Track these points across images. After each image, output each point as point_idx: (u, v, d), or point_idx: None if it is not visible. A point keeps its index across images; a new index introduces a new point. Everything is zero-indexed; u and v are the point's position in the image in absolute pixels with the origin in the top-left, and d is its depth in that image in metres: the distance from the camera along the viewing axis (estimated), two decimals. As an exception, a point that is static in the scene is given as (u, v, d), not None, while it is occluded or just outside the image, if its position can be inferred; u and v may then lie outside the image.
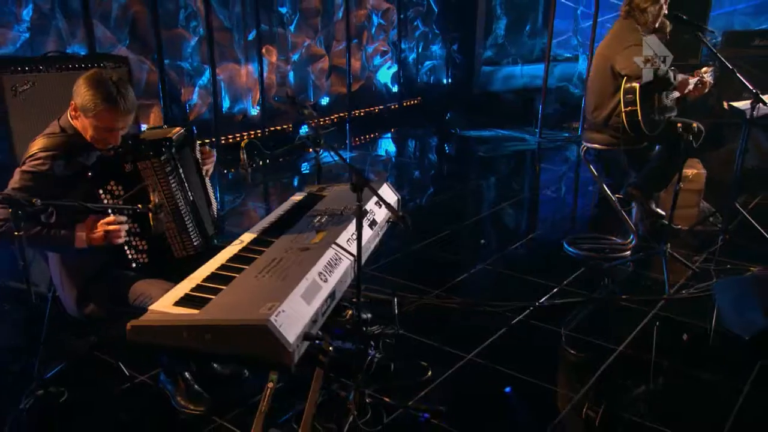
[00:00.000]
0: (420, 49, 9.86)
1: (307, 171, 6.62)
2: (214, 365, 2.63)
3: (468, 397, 2.64)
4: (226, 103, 7.07)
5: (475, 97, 9.74)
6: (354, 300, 3.30)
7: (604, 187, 4.06)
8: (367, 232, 2.40)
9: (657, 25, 3.80)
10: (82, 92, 2.10)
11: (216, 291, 1.82)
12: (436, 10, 9.83)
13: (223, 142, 6.78)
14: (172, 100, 6.41)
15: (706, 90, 4.07)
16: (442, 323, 3.29)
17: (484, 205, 5.62)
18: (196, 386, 2.47)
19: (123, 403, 2.57)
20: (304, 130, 7.37)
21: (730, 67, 3.82)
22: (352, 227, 2.31)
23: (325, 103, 8.19)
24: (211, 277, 1.92)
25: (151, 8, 5.86)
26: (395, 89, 9.44)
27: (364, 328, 3.06)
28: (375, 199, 2.64)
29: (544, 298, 3.47)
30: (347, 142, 7.59)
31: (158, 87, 6.03)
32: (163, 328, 1.67)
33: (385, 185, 2.86)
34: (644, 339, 3.07)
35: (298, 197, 2.78)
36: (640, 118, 3.62)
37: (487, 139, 8.08)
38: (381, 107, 8.83)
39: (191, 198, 2.37)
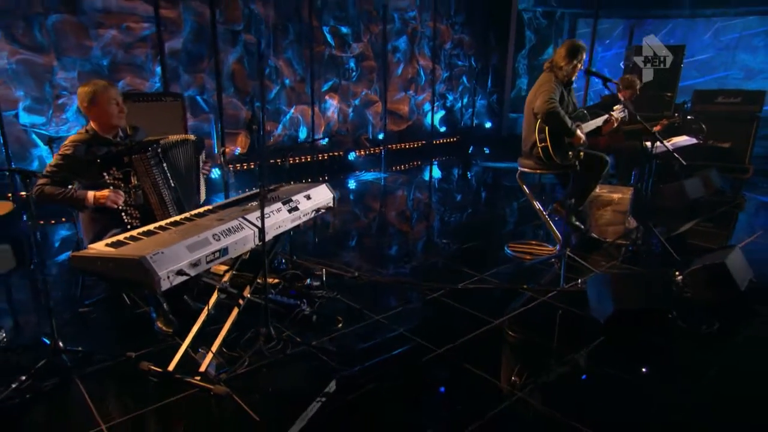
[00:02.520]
0: (465, 100, 9.87)
1: (354, 187, 6.83)
2: (189, 302, 2.90)
3: (361, 345, 2.71)
4: (303, 134, 7.49)
5: (503, 137, 9.61)
6: (317, 273, 3.49)
7: (535, 203, 3.95)
8: (282, 215, 2.56)
9: (572, 78, 3.67)
10: (84, 92, 2.51)
11: (138, 240, 2.06)
12: (477, 69, 9.82)
13: (296, 161, 7.20)
14: (257, 128, 6.90)
15: (615, 125, 3.89)
16: (374, 294, 3.36)
17: (465, 214, 5.54)
18: (170, 315, 2.74)
19: (127, 321, 2.91)
20: (352, 155, 7.67)
21: (632, 110, 3.66)
22: (268, 209, 2.48)
23: (380, 137, 8.43)
24: (145, 232, 2.16)
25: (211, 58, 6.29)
26: (442, 129, 9.53)
27: (311, 291, 3.24)
28: (304, 193, 2.82)
29: (462, 284, 3.45)
30: (383, 165, 7.76)
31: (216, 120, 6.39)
32: (87, 257, 1.94)
33: (324, 185, 3.01)
34: (521, 318, 2.98)
35: (256, 190, 2.99)
36: (551, 150, 3.53)
37: (501, 169, 7.95)
38: (424, 142, 8.92)
39: (172, 184, 2.66)
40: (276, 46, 6.83)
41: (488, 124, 10.24)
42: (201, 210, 2.52)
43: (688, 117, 5.33)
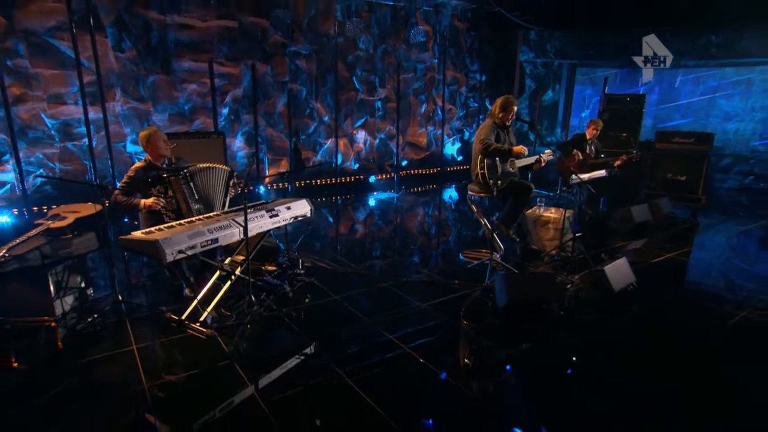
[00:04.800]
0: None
1: (369, 203, 7.45)
2: (208, 277, 3.64)
3: (319, 315, 3.31)
4: (338, 159, 8.26)
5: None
6: (305, 264, 4.14)
7: (481, 219, 4.38)
8: (264, 219, 3.23)
9: (506, 123, 4.11)
10: (144, 135, 3.34)
11: (162, 231, 2.81)
12: (489, 109, 10.21)
13: (329, 182, 7.97)
14: (297, 155, 7.77)
15: (542, 165, 4.25)
16: (343, 281, 3.90)
17: (445, 226, 5.96)
18: (194, 286, 3.51)
19: (171, 288, 3.67)
20: (372, 179, 8.32)
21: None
22: (253, 214, 3.19)
23: (404, 163, 9.04)
24: (169, 226, 2.91)
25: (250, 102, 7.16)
26: (459, 158, 9.98)
27: (296, 277, 3.90)
28: (286, 205, 3.49)
29: (407, 278, 3.97)
30: (395, 187, 8.31)
31: (257, 144, 7.26)
32: (127, 239, 2.71)
33: (304, 200, 3.62)
34: (444, 303, 3.46)
35: (257, 202, 3.67)
36: (487, 177, 3.99)
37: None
38: (438, 169, 9.40)
39: (196, 196, 3.44)
40: (316, 92, 7.70)
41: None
42: (211, 214, 3.27)
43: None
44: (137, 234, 2.77)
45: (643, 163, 6.21)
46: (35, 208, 5.27)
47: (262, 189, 6.81)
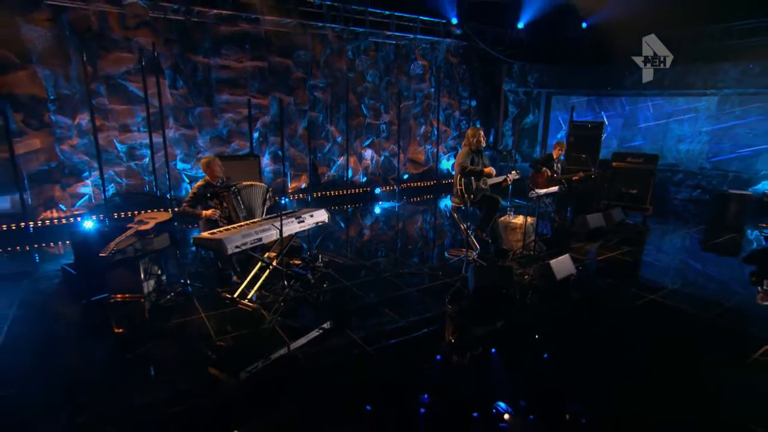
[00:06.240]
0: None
1: (374, 211, 8.23)
2: (249, 266, 4.46)
3: (334, 296, 4.09)
4: (350, 174, 9.08)
5: (496, 179, 10.60)
6: (323, 259, 4.93)
7: (461, 225, 5.14)
8: (294, 224, 4.03)
9: (479, 148, 4.88)
10: (204, 162, 4.17)
11: (222, 232, 3.64)
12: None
13: (341, 193, 8.78)
14: (314, 171, 8.60)
15: (509, 183, 5.01)
16: (353, 272, 4.67)
17: (435, 231, 6.70)
18: (241, 274, 4.32)
19: (220, 276, 4.49)
20: (378, 190, 9.11)
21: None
22: (285, 220, 3.98)
23: (405, 177, 9.83)
24: (226, 229, 3.75)
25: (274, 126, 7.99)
26: (453, 173, 10.73)
27: (317, 269, 4.70)
28: (309, 213, 4.29)
29: (403, 270, 4.75)
30: (397, 197, 9.09)
31: (284, 164, 8.09)
32: (200, 238, 3.53)
33: (323, 210, 4.41)
34: (431, 290, 4.20)
35: (287, 211, 4.47)
36: (464, 191, 4.77)
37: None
38: (435, 181, 10.17)
39: (242, 207, 4.27)
40: (331, 118, 8.55)
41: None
42: (255, 220, 4.10)
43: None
44: (205, 234, 3.60)
45: (602, 178, 6.95)
46: (107, 215, 6.14)
47: (285, 200, 7.65)
